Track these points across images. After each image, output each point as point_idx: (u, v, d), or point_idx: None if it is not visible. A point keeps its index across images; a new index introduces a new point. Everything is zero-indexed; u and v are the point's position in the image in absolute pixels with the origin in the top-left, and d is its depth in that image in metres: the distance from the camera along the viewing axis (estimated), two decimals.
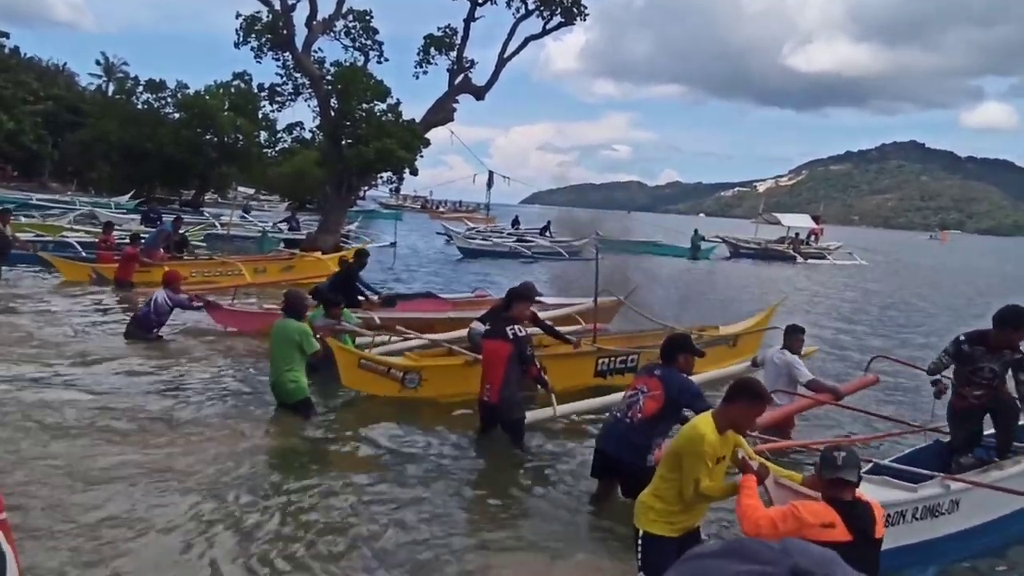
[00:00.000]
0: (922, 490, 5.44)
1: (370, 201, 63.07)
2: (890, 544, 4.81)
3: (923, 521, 5.36)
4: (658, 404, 5.85)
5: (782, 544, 0.72)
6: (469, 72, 28.82)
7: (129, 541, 5.07)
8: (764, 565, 0.67)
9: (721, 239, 44.60)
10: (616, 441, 6.00)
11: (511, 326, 7.59)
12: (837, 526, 4.04)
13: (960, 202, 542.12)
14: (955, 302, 26.55)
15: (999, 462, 6.28)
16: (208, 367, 10.10)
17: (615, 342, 10.93)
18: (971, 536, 5.71)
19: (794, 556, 0.68)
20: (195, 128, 43.87)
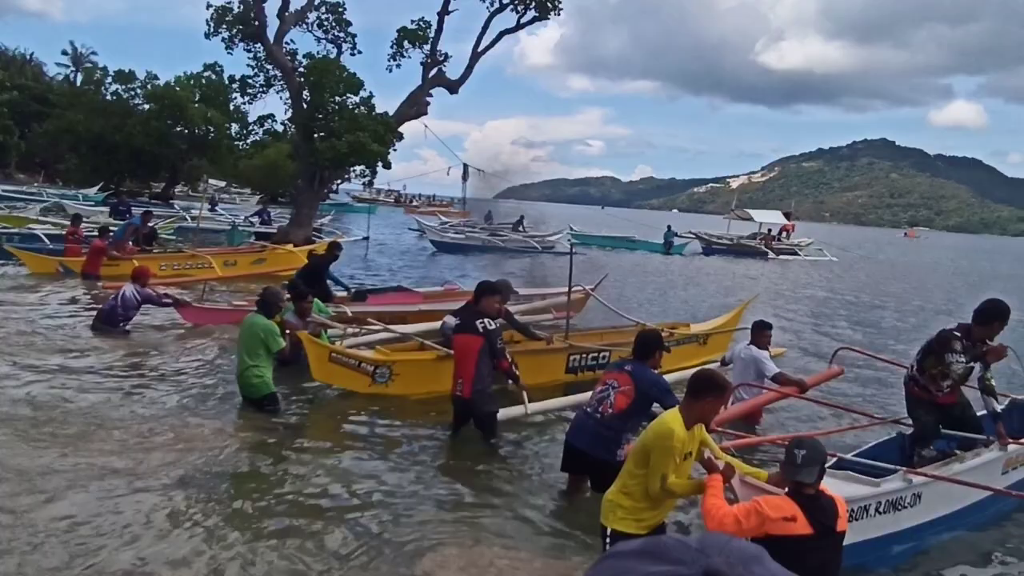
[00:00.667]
0: (885, 484, 5.50)
1: (343, 195, 62.77)
2: (854, 538, 4.92)
3: (886, 515, 5.42)
4: (629, 399, 5.88)
5: (701, 543, 0.70)
6: (443, 66, 28.69)
7: (90, 541, 5.00)
8: (677, 565, 0.66)
9: (694, 235, 44.82)
10: (586, 436, 6.02)
11: (481, 320, 7.58)
12: (798, 520, 4.09)
13: (929, 199, 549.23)
14: (923, 296, 26.90)
15: (960, 454, 6.36)
16: (174, 362, 10.00)
17: (586, 338, 10.97)
18: (933, 528, 5.80)
19: (710, 555, 0.67)
20: (165, 120, 43.32)
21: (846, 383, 10.46)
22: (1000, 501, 6.34)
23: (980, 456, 6.31)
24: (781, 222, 49.90)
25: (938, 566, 5.71)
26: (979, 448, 6.43)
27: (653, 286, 24.04)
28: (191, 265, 17.49)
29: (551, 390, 9.00)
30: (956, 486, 5.85)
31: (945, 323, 6.89)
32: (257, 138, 43.01)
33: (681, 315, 14.36)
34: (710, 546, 0.69)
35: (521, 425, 8.11)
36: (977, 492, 5.99)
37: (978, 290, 30.74)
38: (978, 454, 6.34)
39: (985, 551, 6.05)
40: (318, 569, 4.90)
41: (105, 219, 23.51)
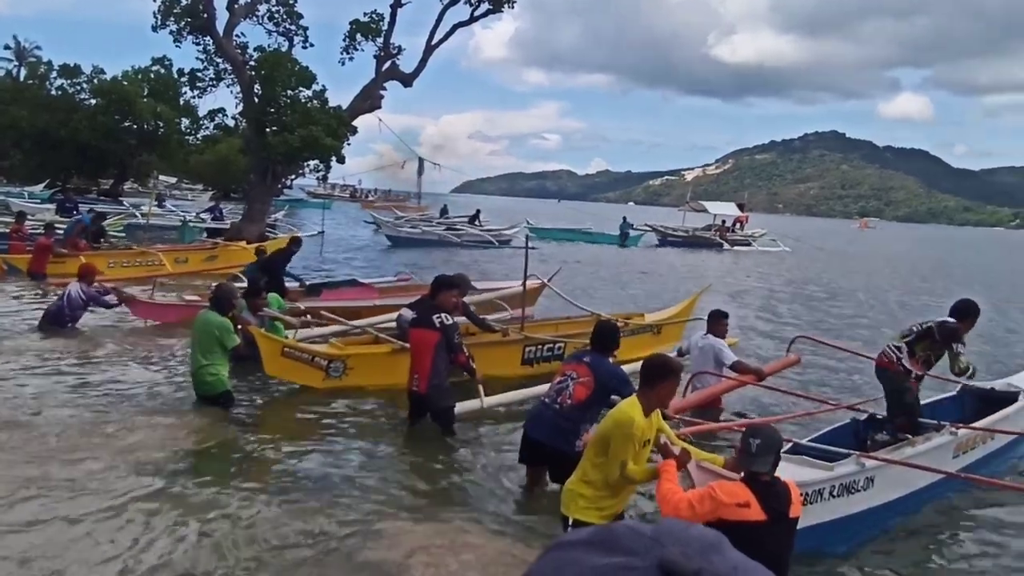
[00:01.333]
0: (838, 468, 5.59)
1: (297, 190, 62.05)
2: (809, 521, 5.00)
3: (840, 498, 5.51)
4: (588, 390, 5.89)
5: (656, 531, 0.64)
6: (396, 59, 28.46)
7: (37, 549, 4.86)
8: (629, 556, 0.61)
9: (650, 227, 45.17)
10: (544, 427, 6.01)
11: (438, 314, 7.52)
12: (752, 506, 4.13)
13: (879, 190, 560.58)
14: (869, 283, 27.39)
15: (912, 439, 6.48)
16: (123, 360, 9.79)
17: (542, 329, 10.96)
18: (886, 511, 5.91)
19: (666, 545, 0.62)
20: (112, 115, 42.37)
21: (803, 371, 10.60)
22: (951, 484, 6.47)
23: (931, 440, 6.45)
24: (735, 214, 50.47)
25: (891, 548, 5.79)
26: (930, 433, 6.55)
27: (609, 278, 24.16)
28: (141, 262, 17.18)
29: (508, 382, 8.98)
30: (909, 470, 5.95)
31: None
32: (208, 133, 42.45)
33: (637, 306, 14.42)
34: (666, 534, 0.64)
35: (478, 418, 8.09)
36: (929, 475, 6.11)
37: (937, 280, 31.48)
38: (929, 438, 6.47)
39: (936, 532, 6.17)
40: (268, 559, 4.83)
41: (51, 216, 22.94)
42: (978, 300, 7.44)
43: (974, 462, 6.91)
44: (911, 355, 7.04)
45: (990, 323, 18.22)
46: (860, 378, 10.77)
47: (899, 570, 5.45)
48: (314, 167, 30.43)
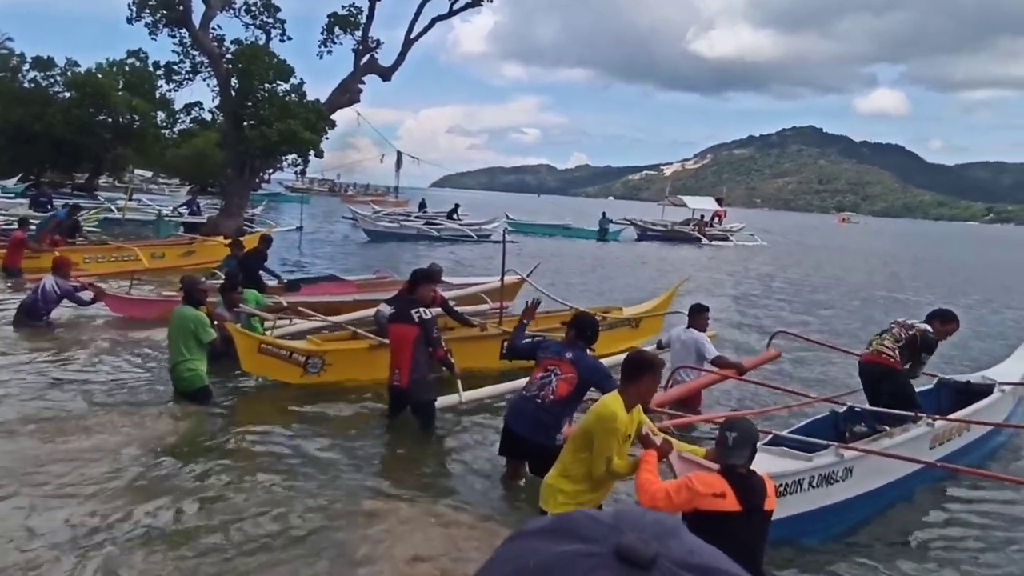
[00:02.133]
0: (817, 459, 5.64)
1: (276, 184, 61.69)
2: (788, 512, 5.08)
3: (819, 489, 5.56)
4: (571, 386, 5.91)
5: (614, 517, 0.65)
6: (375, 52, 28.33)
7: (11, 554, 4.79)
8: (588, 544, 0.62)
9: (629, 221, 45.29)
10: (526, 421, 6.02)
11: (416, 309, 7.48)
12: (728, 496, 4.17)
13: (856, 185, 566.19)
14: (847, 278, 27.62)
15: (889, 430, 6.54)
16: (101, 356, 9.67)
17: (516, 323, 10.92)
18: (864, 501, 5.97)
19: (623, 531, 0.62)
20: (87, 108, 41.86)
21: (783, 365, 10.67)
22: (928, 474, 6.54)
23: (908, 432, 6.49)
24: (713, 208, 50.74)
25: (868, 538, 5.84)
26: (908, 424, 6.61)
27: (588, 272, 24.20)
28: (117, 258, 17.00)
29: (486, 377, 8.94)
30: (886, 460, 6.01)
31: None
32: (184, 126, 42.03)
33: (617, 300, 14.43)
34: (624, 521, 0.64)
35: (458, 412, 8.07)
36: (906, 466, 6.18)
37: (921, 277, 31.78)
38: (906, 430, 6.52)
39: (913, 522, 6.23)
40: (249, 549, 4.78)
41: (25, 211, 22.62)
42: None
43: (950, 453, 6.96)
44: (900, 356, 7.34)
45: (968, 318, 18.46)
46: (837, 372, 10.85)
47: (875, 558, 5.49)
48: (292, 161, 30.27)
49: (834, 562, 5.38)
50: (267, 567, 4.71)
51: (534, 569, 0.62)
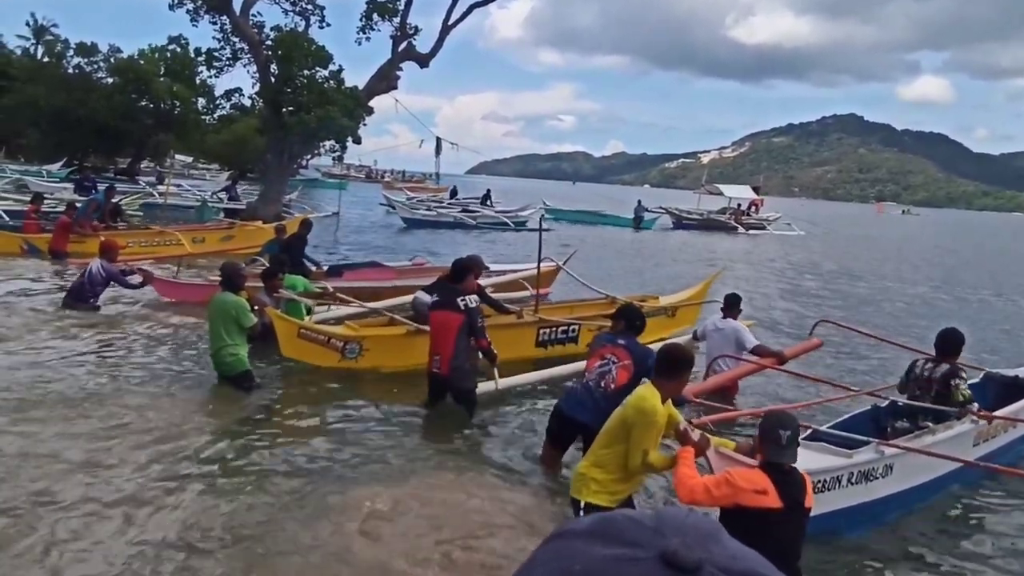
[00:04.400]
0: (857, 456, 5.59)
1: (313, 170, 62.11)
2: (827, 508, 5.07)
3: (858, 485, 5.52)
4: (629, 373, 6.01)
5: (656, 520, 0.65)
6: (413, 39, 28.41)
7: (68, 521, 4.91)
8: (633, 548, 0.61)
9: (664, 210, 44.98)
10: (587, 409, 6.02)
11: (462, 297, 7.48)
12: (769, 493, 4.12)
13: (897, 174, 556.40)
14: (882, 270, 27.22)
15: (932, 427, 6.41)
16: (147, 339, 9.83)
17: (556, 312, 10.98)
18: (904, 498, 5.91)
19: (667, 536, 0.62)
20: (129, 94, 42.38)
21: (823, 355, 10.54)
22: (971, 472, 6.44)
23: (952, 428, 6.39)
24: (750, 197, 50.21)
25: (907, 534, 5.80)
26: (951, 421, 6.50)
27: (625, 260, 24.10)
28: (159, 242, 17.28)
29: (521, 364, 8.99)
30: (928, 458, 5.93)
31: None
32: (224, 112, 42.38)
33: (654, 289, 14.35)
34: (666, 524, 0.64)
35: (495, 399, 8.11)
36: (948, 464, 6.09)
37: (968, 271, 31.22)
38: (950, 427, 6.41)
39: (953, 521, 6.17)
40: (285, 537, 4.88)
41: (70, 195, 23.02)
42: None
43: (995, 450, 6.86)
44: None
45: (1014, 314, 18.15)
46: (878, 363, 10.72)
47: (912, 556, 5.45)
48: (330, 147, 30.46)
49: (869, 559, 5.35)
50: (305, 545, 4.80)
51: (579, 573, 0.61)
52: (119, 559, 4.55)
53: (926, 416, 6.58)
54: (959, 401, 6.51)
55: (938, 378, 6.63)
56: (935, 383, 6.63)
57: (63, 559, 4.50)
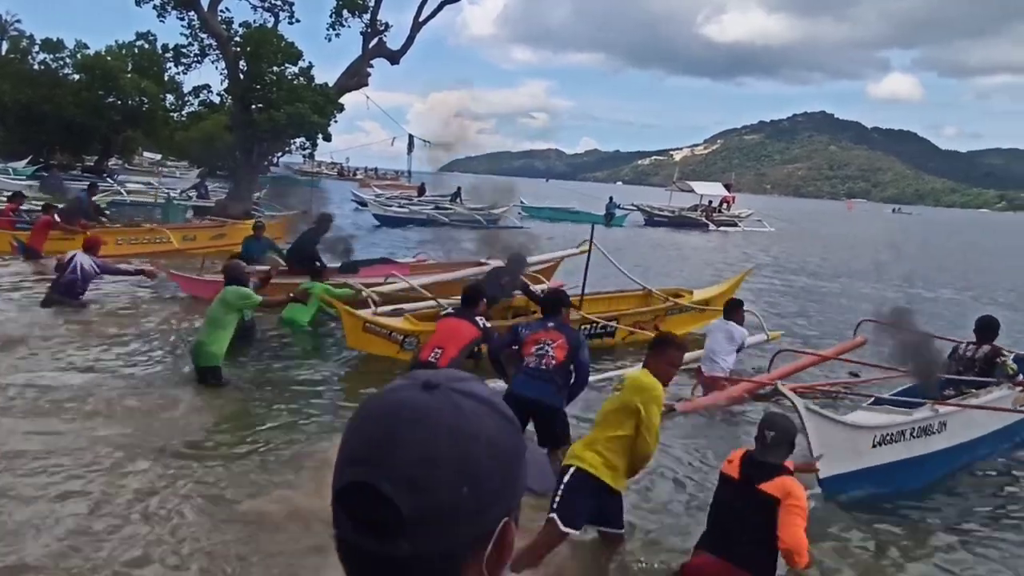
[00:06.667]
0: (916, 414, 6.67)
1: (284, 168, 61.62)
2: (893, 458, 6.28)
3: (918, 439, 6.56)
4: (565, 351, 6.35)
5: (436, 370, 0.96)
6: (383, 35, 28.32)
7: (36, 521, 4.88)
8: (411, 380, 0.92)
9: (636, 207, 45.21)
10: (534, 386, 6.23)
11: (480, 317, 7.78)
12: (734, 462, 4.47)
13: (867, 171, 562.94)
14: (851, 267, 27.50)
15: (975, 392, 7.43)
16: (136, 334, 9.85)
17: (596, 303, 11.72)
18: (957, 452, 6.91)
19: (433, 375, 0.92)
20: (96, 90, 41.93)
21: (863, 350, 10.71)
22: (1009, 439, 7.61)
23: (993, 393, 7.42)
24: (722, 194, 50.60)
25: (958, 484, 6.75)
26: (991, 387, 7.52)
27: (595, 255, 24.07)
28: (149, 239, 17.25)
29: None
30: (974, 416, 7.00)
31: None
32: (193, 109, 42.02)
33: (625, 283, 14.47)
34: (438, 371, 0.94)
35: None
36: (992, 424, 7.22)
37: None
38: (990, 391, 7.45)
39: (997, 476, 7.22)
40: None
41: (35, 193, 22.71)
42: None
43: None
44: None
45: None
46: None
47: (965, 508, 6.31)
48: (300, 145, 30.30)
49: (926, 512, 6.13)
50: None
51: (372, 398, 0.92)
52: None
53: (969, 387, 7.55)
54: (1008, 374, 7.59)
55: (980, 358, 7.72)
56: (977, 362, 7.72)
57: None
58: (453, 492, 0.84)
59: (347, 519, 0.87)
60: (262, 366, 9.04)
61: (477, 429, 0.87)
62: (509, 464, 0.89)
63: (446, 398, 0.88)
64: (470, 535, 0.86)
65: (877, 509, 5.97)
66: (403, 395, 0.89)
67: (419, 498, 0.83)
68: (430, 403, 0.88)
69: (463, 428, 0.87)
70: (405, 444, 0.85)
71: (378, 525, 0.84)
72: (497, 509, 0.88)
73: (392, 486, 0.83)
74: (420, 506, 0.83)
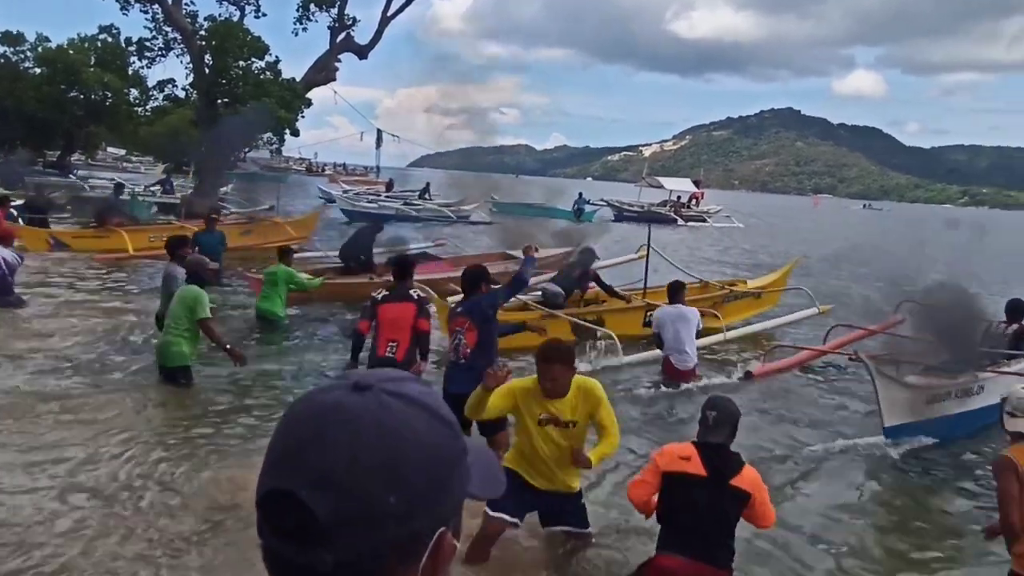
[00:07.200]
0: (960, 378, 8.09)
1: (251, 163, 61.05)
2: (943, 413, 7.77)
3: (961, 398, 8.06)
4: (475, 331, 6.39)
5: (370, 371, 0.92)
6: (351, 30, 28.16)
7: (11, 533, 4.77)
8: (340, 380, 0.89)
9: (605, 202, 45.33)
10: (459, 380, 6.17)
11: (412, 289, 7.61)
12: (693, 459, 4.24)
13: (833, 167, 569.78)
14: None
15: (1007, 362, 8.68)
16: (77, 332, 9.69)
17: (659, 296, 12.11)
18: (990, 410, 7.53)
19: (368, 376, 0.88)
20: (58, 84, 41.19)
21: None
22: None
23: (1021, 363, 8.68)
24: (691, 190, 50.86)
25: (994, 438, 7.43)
26: (1020, 358, 8.82)
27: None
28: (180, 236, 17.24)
29: (632, 340, 10.43)
30: (1008, 383, 7.66)
31: None
32: (157, 104, 41.41)
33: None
34: (373, 371, 0.91)
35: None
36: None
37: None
38: (1019, 361, 8.75)
39: None
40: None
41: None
42: None
43: None
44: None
45: None
46: None
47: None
48: (267, 140, 30.01)
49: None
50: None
51: (300, 401, 0.88)
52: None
53: (1001, 358, 8.75)
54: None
55: (1010, 334, 9.03)
56: (1008, 338, 9.01)
57: None
58: (378, 499, 0.81)
59: (268, 527, 0.84)
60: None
61: (406, 432, 0.84)
62: (442, 469, 0.86)
63: (375, 399, 0.85)
64: (398, 544, 0.83)
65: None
66: (330, 396, 0.86)
67: (340, 505, 0.80)
68: (358, 405, 0.84)
69: (390, 431, 0.83)
70: (327, 448, 0.82)
71: (298, 534, 0.81)
72: (428, 517, 0.85)
73: (310, 492, 0.80)
74: (341, 513, 0.80)
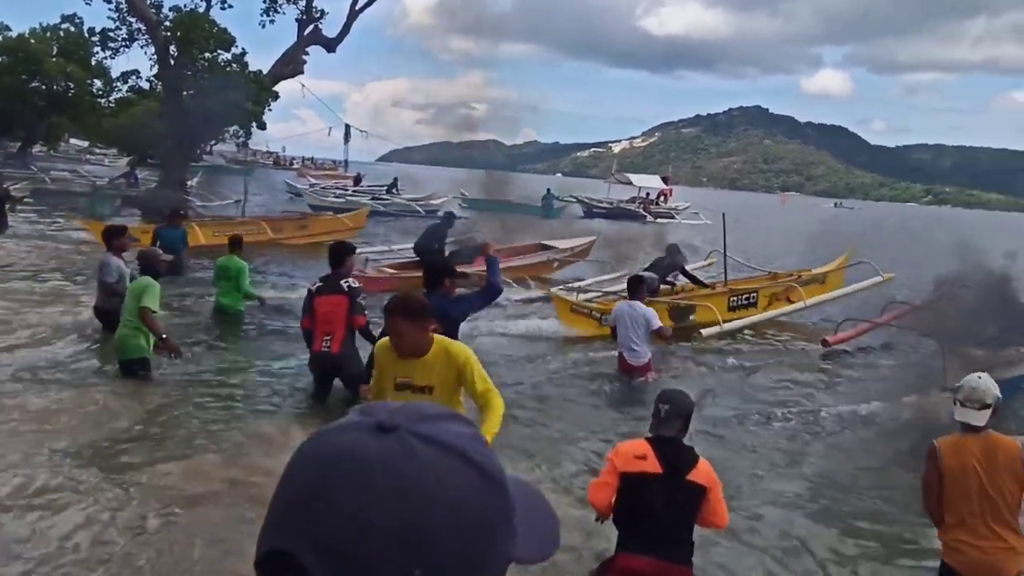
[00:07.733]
0: (1003, 352, 9.17)
1: (217, 156, 60.36)
2: (1011, 374, 8.37)
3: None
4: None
5: (393, 406, 0.78)
6: (319, 23, 27.89)
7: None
8: (363, 418, 0.75)
9: (574, 199, 45.46)
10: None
11: (345, 280, 7.49)
12: (648, 458, 4.19)
13: (800, 165, 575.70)
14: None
15: None
16: (42, 333, 9.44)
17: (739, 284, 14.18)
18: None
19: (392, 414, 0.75)
20: (19, 74, 40.47)
21: None
22: None
23: None
24: (659, 186, 51.20)
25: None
26: None
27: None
28: (243, 232, 17.06)
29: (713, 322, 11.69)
30: None
31: None
32: (122, 95, 40.80)
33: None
34: (396, 407, 0.77)
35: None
36: None
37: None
38: None
39: None
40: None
41: None
42: None
43: None
44: None
45: None
46: None
47: None
48: (234, 133, 29.70)
49: None
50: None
51: (316, 436, 0.77)
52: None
53: None
54: None
55: None
56: None
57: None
58: (397, 572, 0.68)
59: None
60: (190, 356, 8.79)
61: (435, 487, 0.70)
62: (480, 534, 0.72)
63: (400, 444, 0.72)
64: None
65: None
66: (346, 439, 0.73)
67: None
68: (377, 451, 0.71)
69: (416, 487, 0.70)
70: (338, 506, 0.70)
71: None
72: None
73: (316, 558, 0.69)
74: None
